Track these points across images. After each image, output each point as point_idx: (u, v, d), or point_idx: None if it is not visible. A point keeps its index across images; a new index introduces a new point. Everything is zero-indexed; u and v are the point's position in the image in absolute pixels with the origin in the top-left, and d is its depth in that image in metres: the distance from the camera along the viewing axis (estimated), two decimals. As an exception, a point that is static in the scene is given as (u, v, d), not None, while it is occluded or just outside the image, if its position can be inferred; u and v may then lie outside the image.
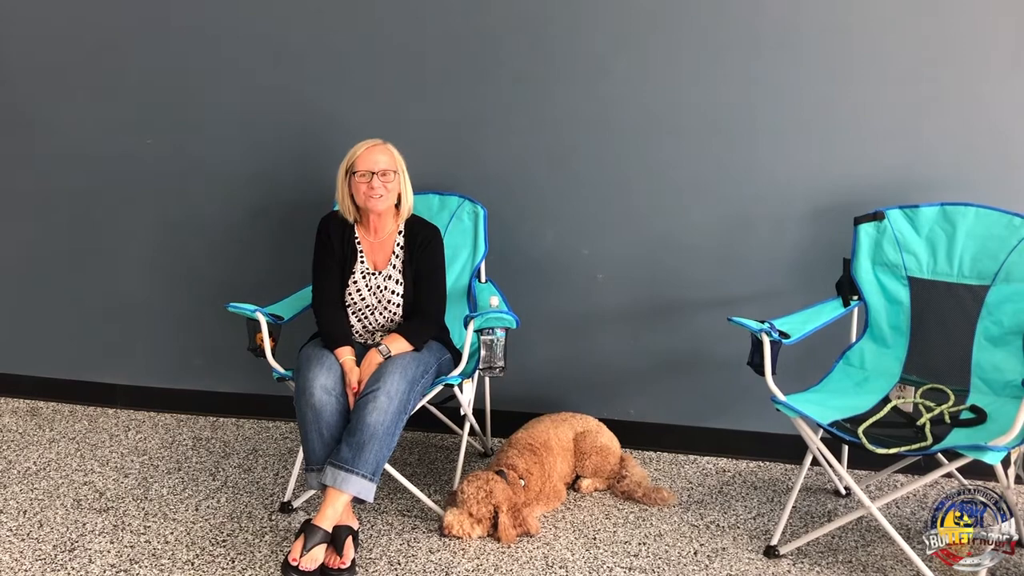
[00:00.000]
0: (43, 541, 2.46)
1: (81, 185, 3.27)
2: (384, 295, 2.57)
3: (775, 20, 2.64)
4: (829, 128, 2.68)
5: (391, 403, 2.28)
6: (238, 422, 3.31)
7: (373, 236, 2.60)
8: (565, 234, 2.94)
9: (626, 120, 2.81)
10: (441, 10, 2.84)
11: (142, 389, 3.43)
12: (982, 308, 2.41)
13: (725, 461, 2.95)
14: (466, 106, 2.91)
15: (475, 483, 2.45)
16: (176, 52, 3.06)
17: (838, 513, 2.59)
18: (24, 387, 3.55)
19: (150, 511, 2.62)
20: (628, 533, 2.49)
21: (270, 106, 3.04)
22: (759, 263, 2.82)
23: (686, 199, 2.83)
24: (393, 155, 2.55)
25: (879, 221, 2.54)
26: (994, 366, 2.39)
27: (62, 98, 3.20)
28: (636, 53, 2.75)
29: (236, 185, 3.14)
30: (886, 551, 2.38)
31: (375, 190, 2.48)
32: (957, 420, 2.26)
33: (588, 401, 3.03)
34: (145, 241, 3.28)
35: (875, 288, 2.56)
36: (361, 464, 2.24)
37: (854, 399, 2.42)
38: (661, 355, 2.97)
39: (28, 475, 2.86)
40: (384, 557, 2.37)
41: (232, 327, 3.08)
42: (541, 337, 3.03)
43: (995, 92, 2.56)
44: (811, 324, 2.43)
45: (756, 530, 2.50)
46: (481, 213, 2.83)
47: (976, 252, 2.43)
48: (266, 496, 2.72)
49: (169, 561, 2.35)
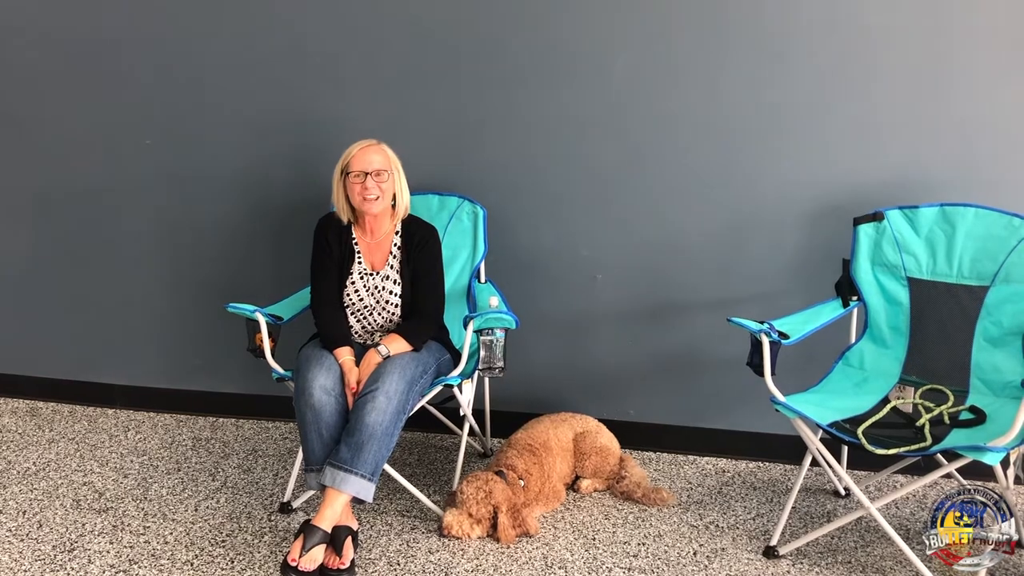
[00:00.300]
0: (42, 541, 2.46)
1: (79, 186, 3.27)
2: (382, 295, 2.56)
3: (775, 22, 2.64)
4: (828, 129, 2.68)
5: (390, 403, 2.28)
6: (237, 422, 3.31)
7: (370, 237, 2.60)
8: (565, 234, 2.94)
9: (626, 121, 2.81)
10: (441, 11, 2.85)
11: (141, 389, 3.43)
12: (981, 309, 2.41)
13: (724, 462, 2.95)
14: (466, 107, 2.91)
15: (474, 483, 2.45)
16: (175, 54, 3.06)
17: (837, 514, 2.59)
18: (23, 387, 3.55)
19: (149, 511, 2.62)
20: (627, 533, 2.49)
21: (270, 107, 3.04)
22: (758, 263, 2.82)
23: (686, 200, 2.83)
24: (387, 155, 2.54)
25: (878, 222, 2.54)
26: (993, 367, 2.38)
27: (62, 100, 3.20)
28: (637, 55, 2.75)
29: (235, 186, 3.14)
30: (885, 552, 2.38)
31: (369, 190, 2.47)
32: (956, 421, 2.26)
33: (587, 401, 3.03)
34: (145, 242, 3.28)
35: (874, 289, 2.56)
36: (360, 464, 2.24)
37: (853, 400, 2.42)
38: (660, 355, 2.97)
39: (27, 475, 2.86)
40: (383, 557, 2.37)
41: (231, 327, 3.09)
42: (540, 337, 3.03)
43: (995, 93, 2.56)
44: (810, 325, 2.43)
45: (755, 530, 2.50)
46: (481, 213, 2.83)
47: (975, 253, 2.43)
48: (265, 496, 2.72)
49: (168, 561, 2.35)
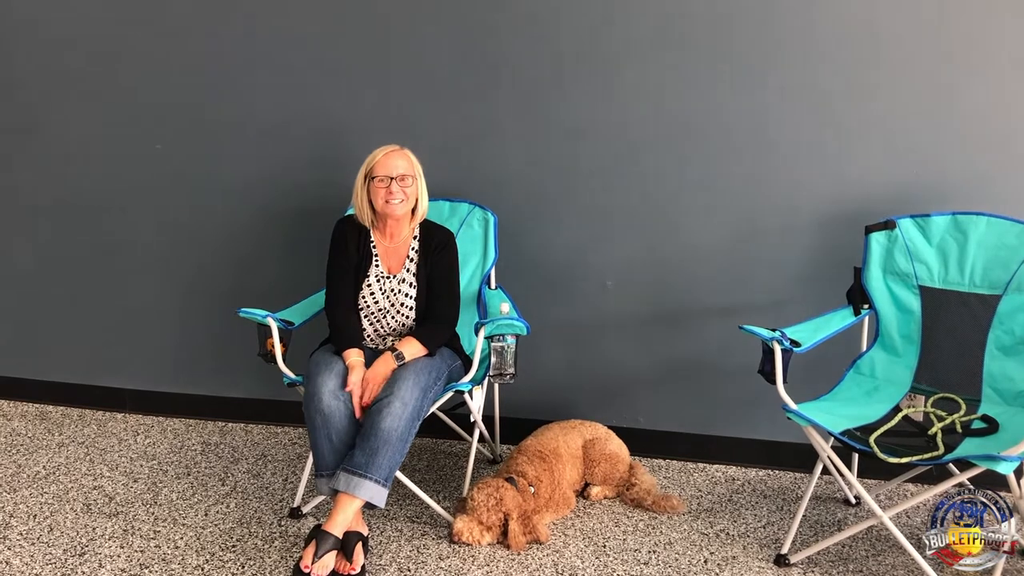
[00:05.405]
0: (53, 545, 2.46)
1: (90, 190, 3.28)
2: (397, 299, 2.57)
3: (786, 30, 2.65)
4: (840, 136, 2.68)
5: (405, 409, 2.28)
6: (247, 427, 3.31)
7: (389, 241, 2.61)
8: (575, 241, 2.94)
9: (637, 128, 2.81)
10: (453, 18, 2.86)
11: (151, 394, 3.43)
12: (994, 317, 2.41)
13: (735, 469, 2.95)
14: (477, 113, 2.92)
15: (485, 490, 2.44)
16: (187, 58, 3.08)
17: (848, 522, 2.59)
18: (33, 391, 3.55)
19: (159, 516, 2.63)
20: (638, 541, 2.49)
21: (281, 113, 3.05)
22: (770, 271, 2.82)
23: (697, 207, 2.83)
24: (411, 160, 2.57)
25: (890, 230, 2.54)
26: (1006, 376, 2.38)
27: (73, 104, 3.21)
28: (648, 62, 2.76)
29: (247, 190, 3.15)
30: (897, 561, 2.37)
31: (394, 195, 2.50)
32: (969, 430, 2.26)
33: (597, 408, 3.03)
34: (155, 246, 3.29)
35: (886, 297, 2.56)
36: (374, 469, 2.24)
37: (865, 408, 2.41)
38: (671, 363, 2.97)
39: (38, 479, 2.87)
40: (394, 564, 2.37)
41: (242, 332, 3.09)
42: (550, 344, 3.03)
43: (1008, 101, 2.56)
44: (822, 332, 2.44)
45: (766, 539, 2.50)
46: (491, 220, 2.84)
47: (988, 261, 2.43)
48: (275, 501, 2.72)
49: (179, 566, 2.35)
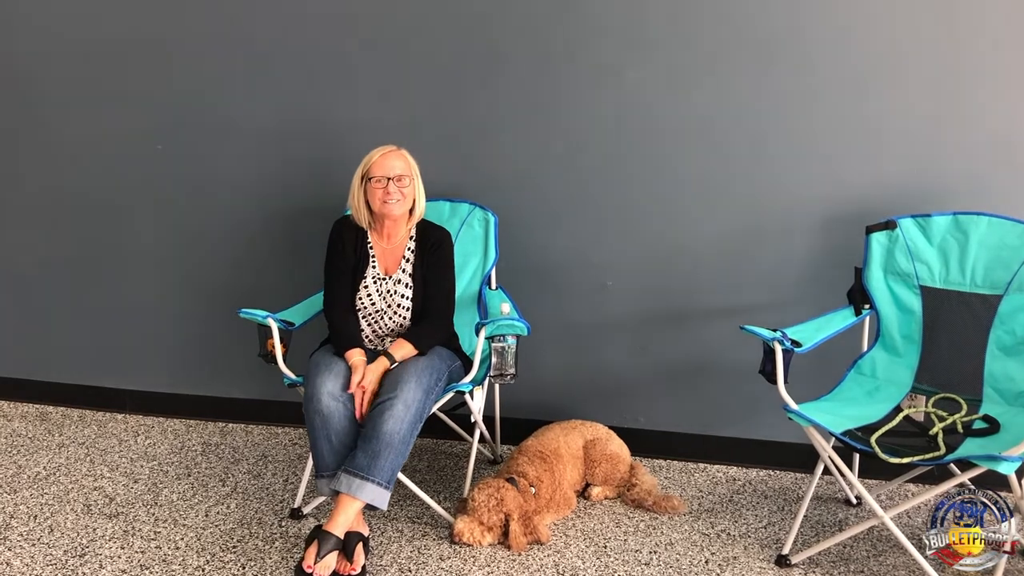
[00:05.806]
0: (53, 546, 2.46)
1: (90, 191, 3.28)
2: (394, 299, 2.57)
3: (786, 30, 2.65)
4: (841, 136, 2.68)
5: (407, 411, 2.28)
6: (247, 428, 3.31)
7: (386, 241, 2.61)
8: (575, 242, 2.94)
9: (637, 129, 2.81)
10: (453, 18, 2.85)
11: (151, 394, 3.43)
12: (995, 318, 2.41)
13: (736, 469, 2.95)
14: (477, 113, 2.91)
15: (486, 491, 2.44)
16: (187, 59, 3.07)
17: (849, 523, 2.59)
18: (33, 392, 3.55)
19: (160, 517, 2.62)
20: (639, 541, 2.49)
21: (280, 113, 3.05)
22: (770, 271, 2.82)
23: (697, 207, 2.83)
24: (408, 161, 2.56)
25: (891, 230, 2.54)
26: (1007, 376, 2.38)
27: (73, 105, 3.21)
28: (648, 62, 2.76)
29: (246, 191, 3.15)
30: (898, 561, 2.37)
31: (391, 195, 2.49)
32: (970, 430, 2.26)
33: (598, 408, 3.03)
34: (155, 247, 3.29)
35: (887, 297, 2.56)
36: (376, 471, 2.24)
37: (866, 408, 2.41)
38: (671, 363, 2.96)
39: (38, 480, 2.87)
40: (395, 564, 2.37)
41: (242, 333, 3.09)
42: (551, 344, 3.03)
43: (1008, 101, 2.56)
44: (823, 333, 2.43)
45: (767, 539, 2.50)
46: (492, 220, 2.84)
47: (989, 261, 2.43)
48: (276, 502, 2.72)
49: (180, 567, 2.35)
